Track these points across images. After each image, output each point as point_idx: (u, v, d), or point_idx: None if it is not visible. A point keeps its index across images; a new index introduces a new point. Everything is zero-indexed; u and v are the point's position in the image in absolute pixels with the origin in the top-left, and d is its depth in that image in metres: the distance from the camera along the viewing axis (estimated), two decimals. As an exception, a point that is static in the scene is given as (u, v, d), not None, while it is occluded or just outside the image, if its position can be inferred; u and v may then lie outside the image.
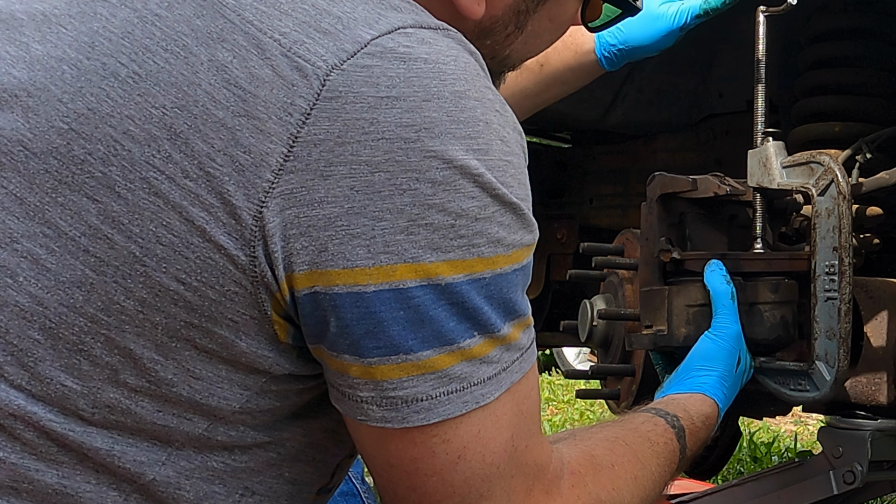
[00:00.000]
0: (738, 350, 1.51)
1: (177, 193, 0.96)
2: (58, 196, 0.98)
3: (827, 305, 1.54)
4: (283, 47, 0.97)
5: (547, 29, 1.22)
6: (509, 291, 1.02)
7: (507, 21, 1.17)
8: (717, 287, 1.54)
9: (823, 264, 1.54)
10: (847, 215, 1.53)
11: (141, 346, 0.99)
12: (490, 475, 1.02)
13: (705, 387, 1.44)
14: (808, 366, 1.56)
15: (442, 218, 0.97)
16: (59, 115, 0.99)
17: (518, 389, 1.04)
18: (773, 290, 1.60)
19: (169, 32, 1.00)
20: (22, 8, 1.06)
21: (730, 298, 1.53)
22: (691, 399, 1.42)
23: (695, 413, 1.38)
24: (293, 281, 0.97)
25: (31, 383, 0.99)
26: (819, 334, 1.54)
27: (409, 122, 0.96)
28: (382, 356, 0.98)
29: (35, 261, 0.98)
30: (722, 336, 1.50)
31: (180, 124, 0.97)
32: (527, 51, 1.23)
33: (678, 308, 1.58)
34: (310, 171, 0.95)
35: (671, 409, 1.35)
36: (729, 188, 1.67)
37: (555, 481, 1.08)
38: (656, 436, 1.28)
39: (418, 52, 0.98)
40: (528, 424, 1.05)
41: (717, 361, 1.48)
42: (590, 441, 1.21)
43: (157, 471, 1.02)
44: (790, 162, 1.61)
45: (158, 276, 0.97)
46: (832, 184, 1.54)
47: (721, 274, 1.55)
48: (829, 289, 1.54)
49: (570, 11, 1.23)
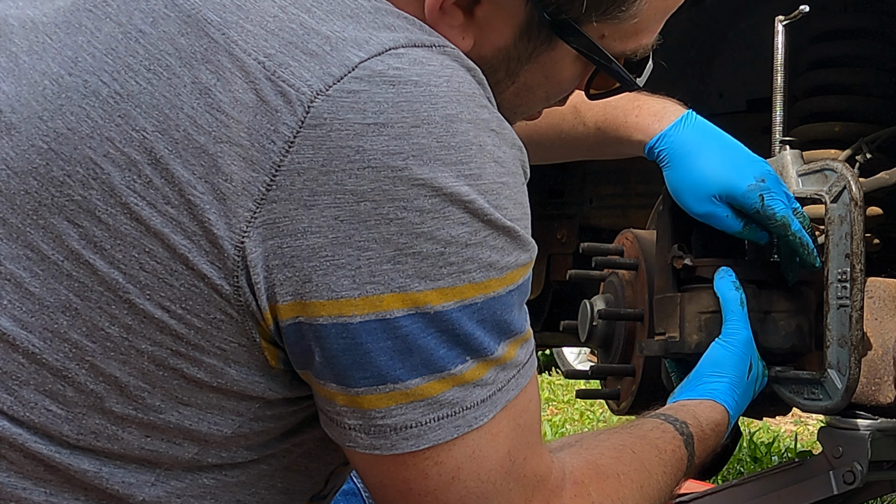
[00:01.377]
0: (750, 356, 1.48)
1: (158, 220, 0.94)
2: (38, 219, 0.96)
3: (839, 313, 1.52)
4: (268, 70, 0.94)
5: (541, 85, 1.15)
6: (504, 313, 0.99)
7: (497, 66, 1.10)
8: (725, 293, 1.52)
9: (836, 271, 1.52)
10: (859, 222, 1.51)
11: (126, 373, 0.97)
12: (486, 492, 1.01)
13: (716, 393, 1.43)
14: (820, 374, 1.54)
15: (430, 246, 0.94)
16: (40, 133, 0.97)
17: (515, 405, 1.02)
18: (787, 299, 1.58)
19: (152, 51, 0.97)
20: (15, 13, 1.04)
21: (739, 305, 1.51)
22: (701, 405, 1.40)
23: (704, 420, 1.37)
24: (276, 311, 0.95)
25: (13, 408, 0.97)
26: (831, 342, 1.52)
27: (396, 150, 0.93)
28: (369, 386, 0.96)
29: (18, 284, 0.96)
30: (732, 342, 1.48)
31: (161, 149, 0.94)
32: (519, 104, 1.16)
33: (690, 315, 1.57)
34: (293, 200, 0.93)
35: (680, 416, 1.34)
36: None
37: (556, 491, 1.07)
38: (664, 443, 1.27)
39: (408, 75, 0.95)
40: (526, 437, 1.03)
41: (727, 368, 1.46)
42: (595, 449, 1.19)
43: (147, 491, 1.00)
44: (805, 170, 1.60)
45: (142, 303, 0.95)
46: (844, 190, 1.52)
47: (730, 280, 1.52)
48: (841, 296, 1.52)
49: (569, 74, 1.14)
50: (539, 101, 1.18)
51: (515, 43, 1.09)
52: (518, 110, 1.17)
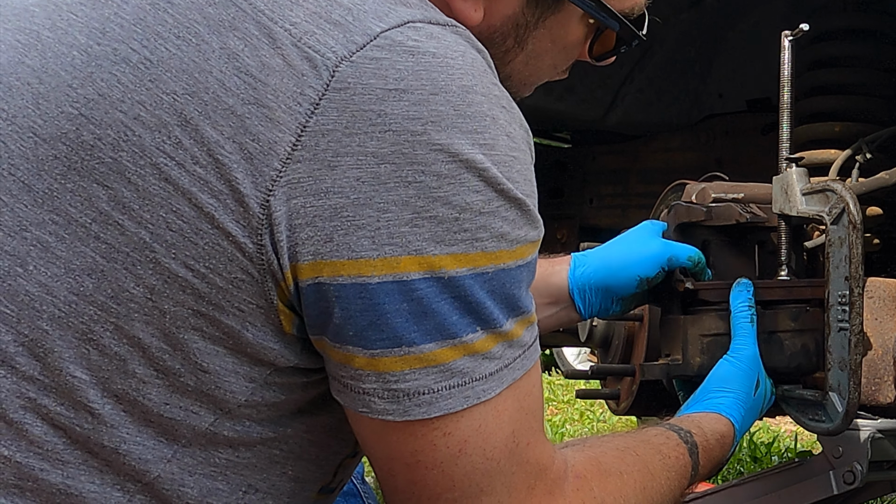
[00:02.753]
0: (757, 373, 1.49)
1: (186, 180, 0.97)
2: (67, 182, 0.99)
3: (839, 336, 1.50)
4: (294, 37, 0.98)
5: (549, 50, 1.20)
6: (512, 287, 1.02)
7: (506, 33, 1.15)
8: (736, 309, 1.53)
9: (836, 294, 1.50)
10: (857, 245, 1.48)
11: (149, 334, 0.99)
12: (491, 470, 1.03)
13: (722, 407, 1.43)
14: (822, 396, 1.52)
15: (446, 211, 0.97)
16: (69, 100, 1.00)
17: (520, 386, 1.04)
18: (792, 318, 1.57)
19: (181, 19, 1.00)
20: (35, 1, 1.07)
21: (748, 322, 1.51)
22: (706, 417, 1.41)
23: (709, 431, 1.37)
24: (297, 271, 0.98)
25: (42, 374, 0.99)
26: (832, 365, 1.50)
27: (416, 115, 0.96)
28: (385, 348, 0.98)
29: (45, 248, 0.99)
30: (739, 358, 1.49)
31: (191, 111, 0.97)
32: (529, 73, 1.21)
33: (693, 337, 1.56)
34: (317, 160, 0.96)
35: (685, 426, 1.35)
36: (750, 215, 1.64)
37: (558, 482, 1.08)
38: (668, 449, 1.27)
39: (427, 47, 0.99)
40: (529, 421, 1.05)
41: (734, 383, 1.46)
42: (599, 448, 1.20)
43: (162, 468, 1.02)
44: (809, 189, 1.57)
45: (167, 262, 0.98)
46: (844, 212, 1.50)
47: (746, 296, 1.53)
48: (841, 319, 1.50)
49: (574, 37, 1.21)
50: (547, 69, 1.23)
51: (523, 9, 1.15)
52: (528, 80, 1.23)
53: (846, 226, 1.50)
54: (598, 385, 2.02)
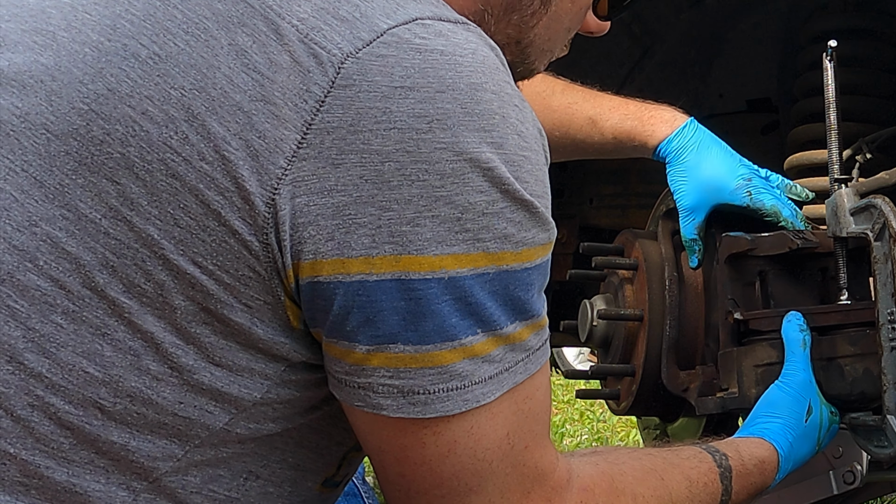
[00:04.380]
0: (808, 399, 1.47)
1: (193, 176, 0.97)
2: (78, 178, 0.99)
3: (893, 356, 1.44)
4: (301, 33, 0.98)
5: (568, 12, 1.19)
6: (517, 289, 1.01)
7: None
8: (788, 335, 1.52)
9: (885, 312, 1.45)
10: None
11: (162, 329, 0.99)
12: (481, 470, 1.02)
13: (766, 432, 1.42)
14: (881, 420, 1.47)
15: (448, 210, 0.97)
16: (80, 96, 1.00)
17: (521, 390, 1.03)
18: (851, 343, 1.53)
19: (190, 15, 1.00)
20: (52, 3, 1.07)
21: (800, 346, 1.50)
22: (747, 441, 1.39)
23: (747, 454, 1.35)
24: (299, 269, 0.98)
25: (52, 370, 0.99)
26: (888, 386, 1.44)
27: (421, 113, 0.96)
28: (380, 344, 0.98)
29: (55, 244, 0.99)
30: (789, 384, 1.47)
31: (198, 106, 0.97)
32: (548, 37, 1.20)
33: (747, 368, 1.55)
34: (322, 158, 0.96)
35: (722, 448, 1.33)
36: (801, 241, 1.62)
37: (558, 490, 1.07)
38: (698, 475, 1.25)
39: (435, 44, 0.98)
40: (529, 425, 1.04)
41: (782, 409, 1.45)
42: (617, 465, 1.18)
43: (171, 465, 1.02)
44: (855, 207, 1.54)
45: (176, 258, 0.98)
46: (885, 227, 1.46)
47: (797, 323, 1.52)
48: (892, 337, 1.45)
49: None
50: (562, 34, 1.22)
51: None
52: (545, 46, 1.21)
53: (888, 241, 1.46)
54: (598, 385, 2.02)
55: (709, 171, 1.69)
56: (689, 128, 1.72)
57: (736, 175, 1.68)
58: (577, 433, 4.87)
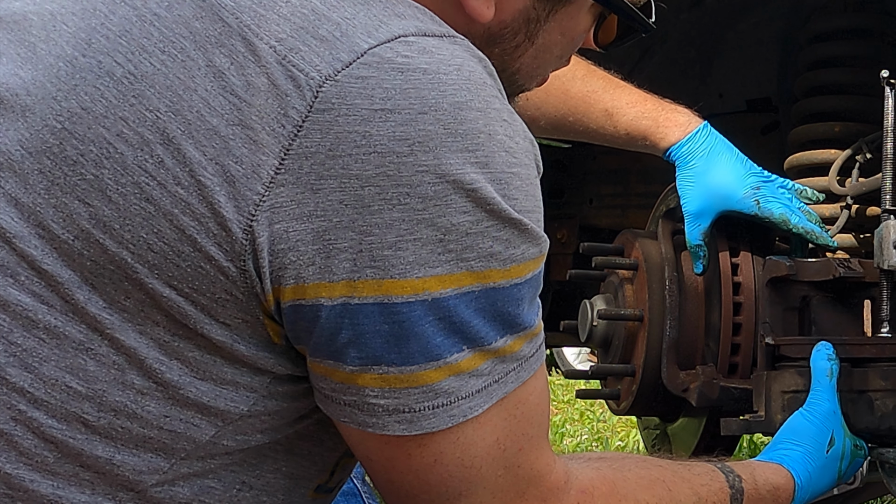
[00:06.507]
0: (831, 430, 1.46)
1: (167, 200, 0.95)
2: (50, 198, 0.97)
3: None
4: (279, 55, 0.95)
5: (558, 43, 1.17)
6: (507, 305, 0.99)
7: (517, 28, 1.12)
8: (816, 364, 1.51)
9: None
10: None
11: (145, 344, 0.98)
12: (470, 476, 1.01)
13: (786, 459, 1.41)
14: None
15: (430, 233, 0.95)
16: (54, 113, 0.98)
17: (512, 396, 1.02)
18: (883, 378, 1.52)
19: (167, 34, 0.98)
20: (34, 9, 1.06)
21: (826, 376, 1.49)
22: (764, 466, 1.38)
23: (761, 479, 1.34)
24: (280, 293, 0.96)
25: (34, 385, 0.98)
26: None
27: (402, 136, 0.94)
28: (365, 365, 0.97)
29: (31, 263, 0.97)
30: (812, 413, 1.46)
31: (174, 129, 0.95)
32: (536, 66, 1.18)
33: (775, 394, 1.55)
34: (300, 184, 0.93)
35: (737, 469, 1.31)
36: (844, 270, 1.61)
37: (554, 492, 1.06)
38: (708, 493, 1.24)
39: (417, 63, 0.95)
40: (522, 428, 1.03)
41: (803, 437, 1.44)
42: (622, 471, 1.16)
43: (157, 478, 1.01)
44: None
45: (151, 282, 0.96)
46: None
47: (826, 353, 1.51)
48: None
49: (582, 27, 1.18)
50: (553, 61, 1.21)
51: (534, 4, 1.12)
52: (535, 73, 1.20)
53: None
54: (598, 385, 2.02)
55: (717, 178, 1.70)
56: (702, 133, 1.74)
57: (745, 183, 1.69)
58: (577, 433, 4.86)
